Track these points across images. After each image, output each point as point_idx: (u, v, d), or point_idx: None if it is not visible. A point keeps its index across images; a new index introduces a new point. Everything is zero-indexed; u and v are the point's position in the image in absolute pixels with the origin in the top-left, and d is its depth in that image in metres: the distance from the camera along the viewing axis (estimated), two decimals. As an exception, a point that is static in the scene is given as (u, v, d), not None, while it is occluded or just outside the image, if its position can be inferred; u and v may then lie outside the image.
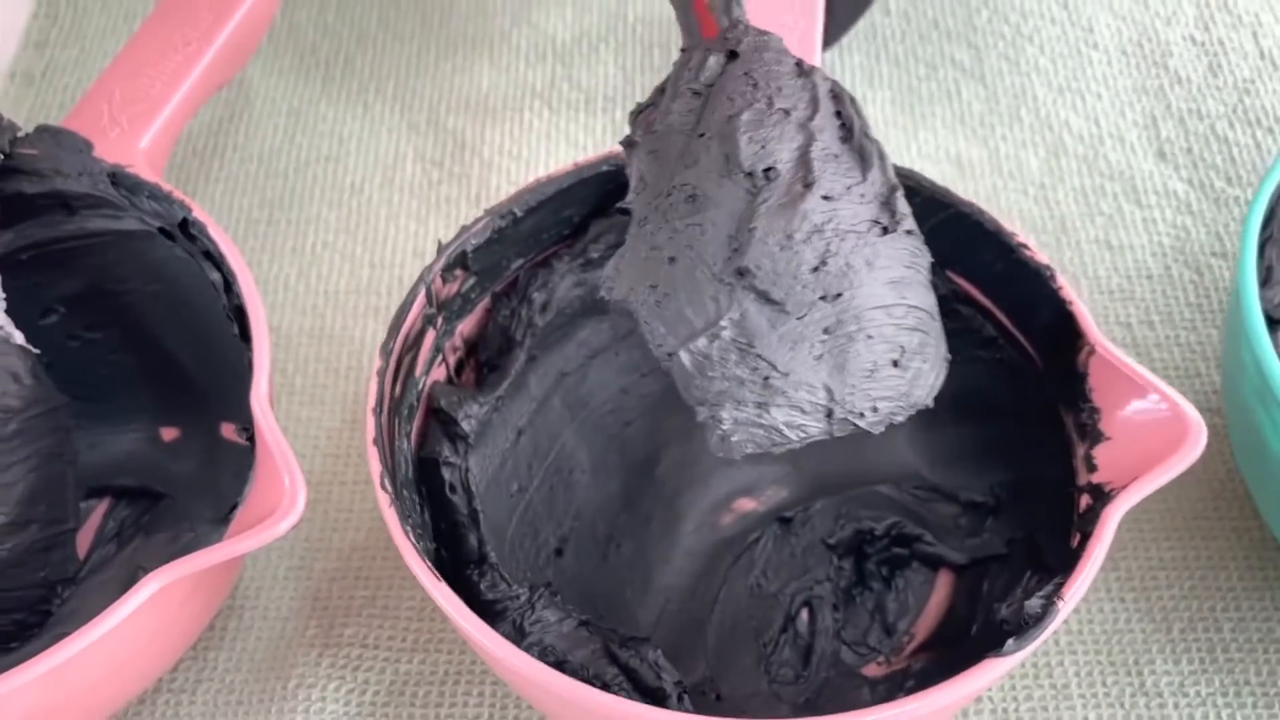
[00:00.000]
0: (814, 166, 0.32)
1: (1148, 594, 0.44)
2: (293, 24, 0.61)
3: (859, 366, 0.31)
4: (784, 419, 0.31)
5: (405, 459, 0.38)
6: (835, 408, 0.31)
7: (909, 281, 0.32)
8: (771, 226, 0.31)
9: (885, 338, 0.31)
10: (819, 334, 0.31)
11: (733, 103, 0.34)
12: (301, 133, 0.57)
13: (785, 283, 0.31)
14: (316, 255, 0.53)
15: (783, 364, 0.31)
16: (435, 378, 0.41)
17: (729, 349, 0.31)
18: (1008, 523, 0.43)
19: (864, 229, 0.32)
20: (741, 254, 0.31)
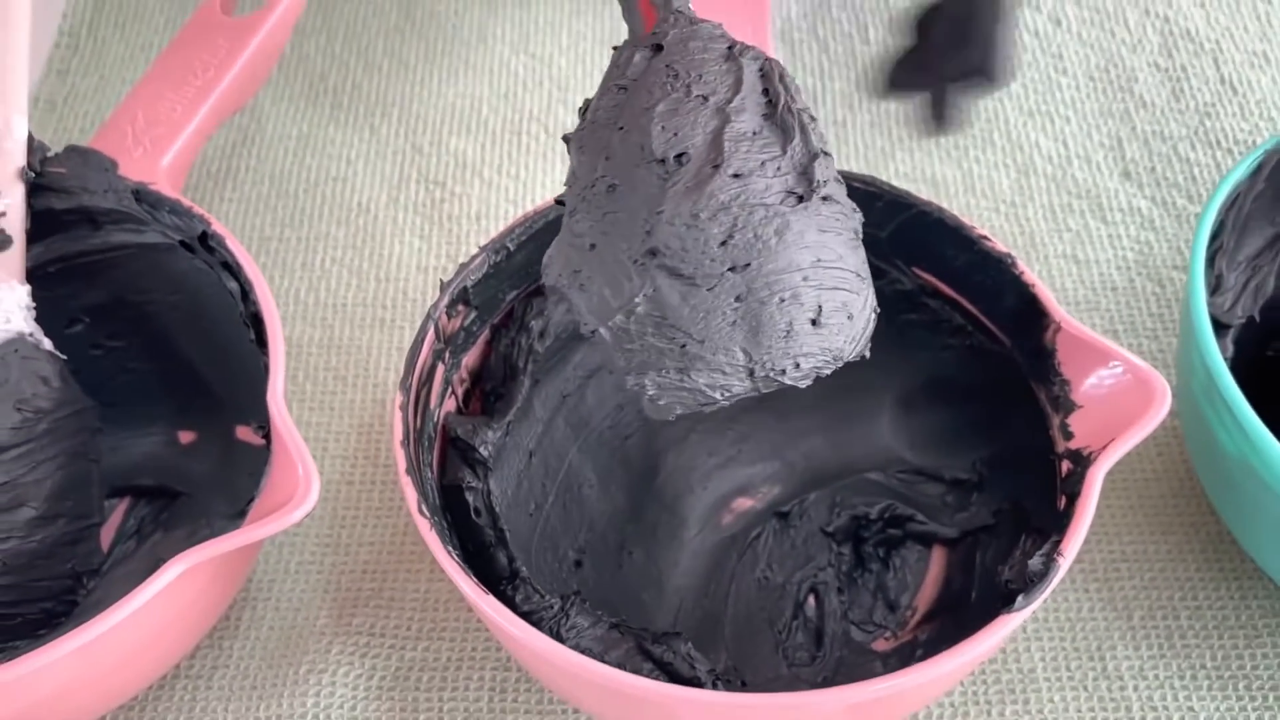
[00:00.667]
0: (725, 148, 0.34)
1: (1109, 584, 0.47)
2: (302, 54, 0.64)
3: (774, 328, 0.33)
4: (705, 381, 0.33)
5: (431, 488, 0.41)
6: (755, 367, 0.33)
7: (827, 244, 0.34)
8: (679, 208, 0.33)
9: (800, 299, 0.33)
10: (731, 302, 0.33)
11: (651, 95, 0.35)
12: (311, 155, 0.60)
13: (694, 258, 0.33)
14: (326, 270, 0.56)
15: (697, 332, 0.33)
16: (448, 409, 0.43)
17: (645, 322, 0.33)
18: (992, 495, 0.46)
19: (775, 200, 0.34)
20: (652, 235, 0.33)
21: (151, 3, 0.66)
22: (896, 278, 0.46)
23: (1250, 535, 0.44)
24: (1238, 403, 0.40)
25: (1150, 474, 0.49)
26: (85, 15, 0.65)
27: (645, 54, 0.37)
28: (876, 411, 0.49)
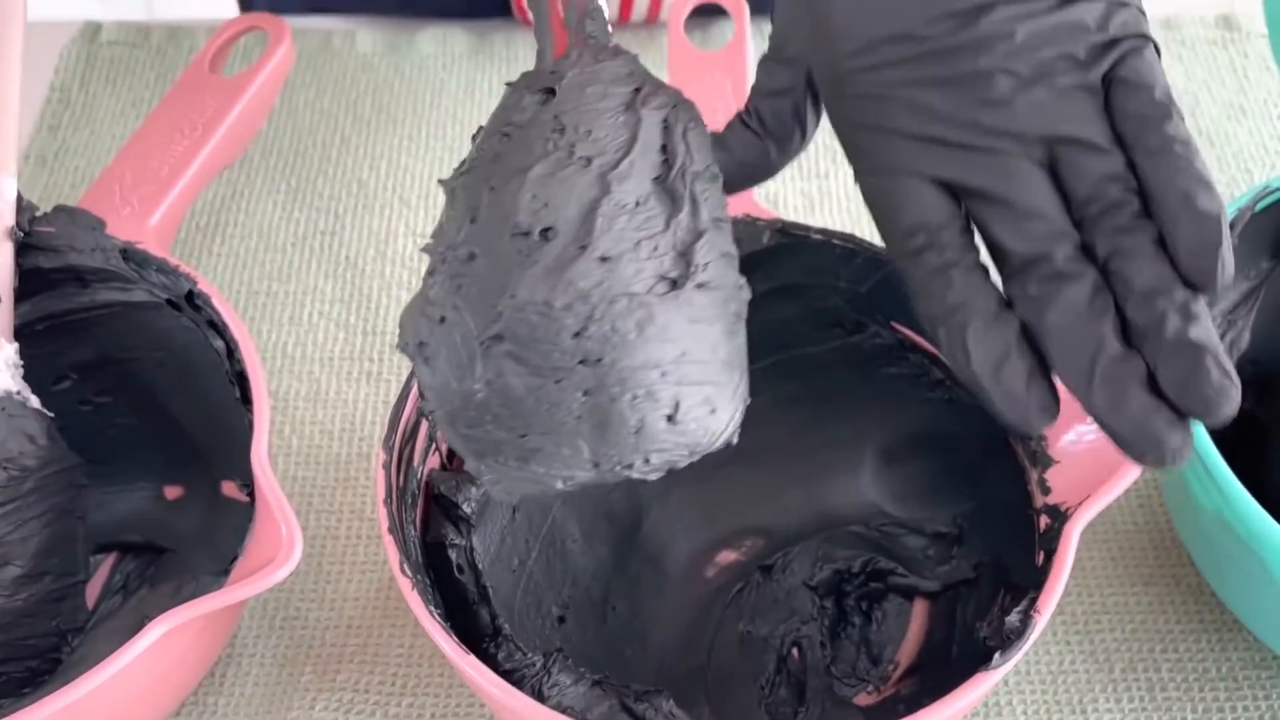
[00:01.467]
0: (597, 225, 0.31)
1: (1091, 637, 0.47)
2: (291, 108, 0.65)
3: (623, 425, 0.31)
4: (545, 470, 0.31)
5: (414, 545, 0.41)
6: (601, 460, 0.31)
7: (696, 335, 0.32)
8: (533, 294, 0.31)
9: (655, 396, 0.31)
10: (578, 396, 0.31)
11: (530, 151, 0.32)
12: (299, 209, 0.60)
13: (543, 349, 0.31)
14: (313, 324, 0.56)
15: (539, 425, 0.31)
16: (432, 465, 0.43)
17: (485, 410, 0.31)
18: (972, 549, 0.46)
19: (643, 289, 0.31)
20: (501, 319, 0.31)
21: (143, 58, 0.67)
22: (876, 331, 0.47)
23: (1228, 589, 0.44)
24: (1213, 460, 0.40)
25: (1131, 526, 0.49)
26: (77, 71, 0.66)
27: (536, 99, 0.34)
28: (858, 464, 0.49)
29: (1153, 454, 0.29)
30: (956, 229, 0.32)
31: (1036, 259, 0.31)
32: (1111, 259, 0.31)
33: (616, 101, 0.34)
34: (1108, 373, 0.30)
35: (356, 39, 0.67)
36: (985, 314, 0.31)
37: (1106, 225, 0.31)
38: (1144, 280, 0.30)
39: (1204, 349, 0.29)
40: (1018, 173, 0.32)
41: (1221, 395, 0.29)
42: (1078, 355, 0.30)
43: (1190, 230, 0.30)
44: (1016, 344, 0.31)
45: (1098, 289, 0.31)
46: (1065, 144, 0.32)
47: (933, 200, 0.33)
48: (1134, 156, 0.31)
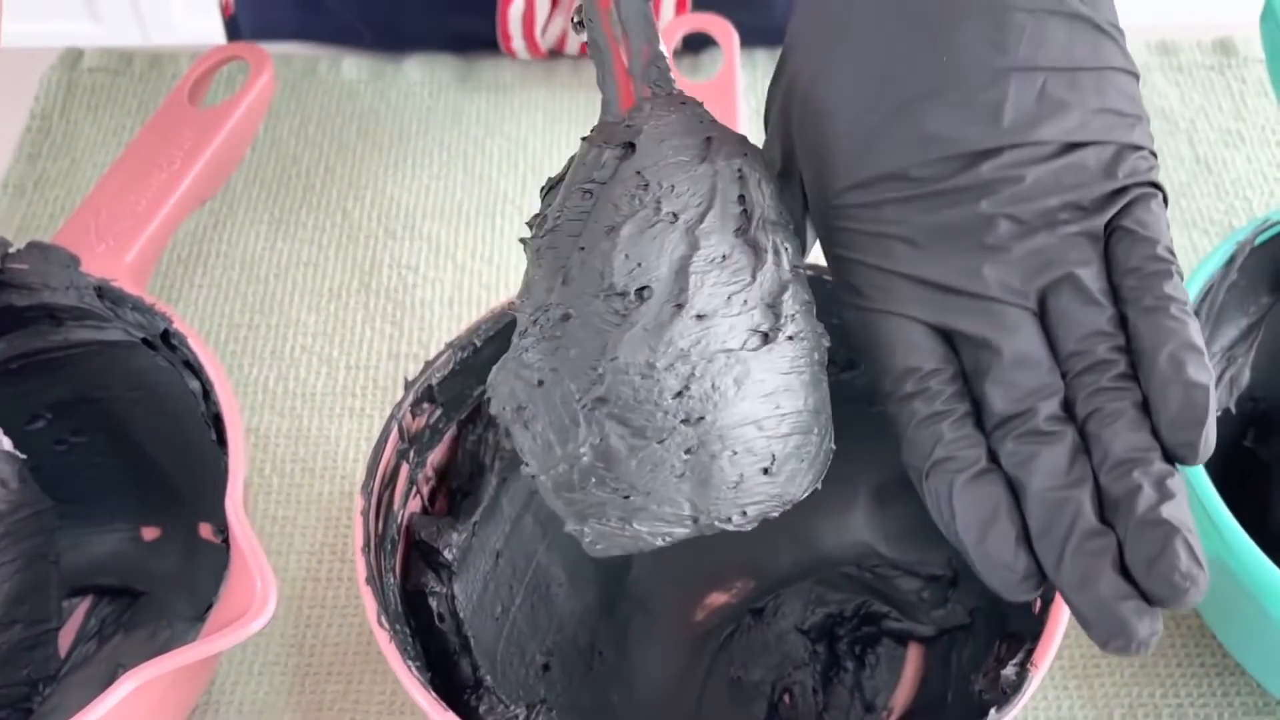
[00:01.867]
0: (690, 282, 0.32)
1: (1090, 681, 0.46)
2: (275, 136, 0.64)
3: (723, 481, 0.31)
4: (647, 529, 0.32)
5: (393, 593, 0.40)
6: (700, 516, 0.32)
7: (788, 387, 0.32)
8: (634, 355, 0.31)
9: (753, 450, 0.32)
10: (680, 455, 0.31)
11: (617, 209, 0.33)
12: (283, 239, 0.59)
13: (646, 410, 0.31)
14: (295, 358, 0.55)
15: (642, 485, 0.31)
16: (412, 509, 0.42)
17: (589, 473, 0.31)
18: (969, 593, 0.45)
19: (738, 344, 0.32)
20: (601, 382, 0.31)
21: (125, 85, 0.66)
22: (868, 369, 0.46)
23: (1229, 633, 0.43)
24: (1213, 503, 0.40)
25: (1129, 566, 0.48)
26: (57, 99, 0.65)
27: (615, 154, 0.34)
28: (850, 504, 0.48)
29: (1116, 642, 0.27)
30: (948, 375, 0.31)
31: (1020, 415, 0.30)
32: (1090, 420, 0.30)
33: (692, 153, 0.34)
34: (1080, 548, 0.28)
35: (342, 66, 0.66)
36: (973, 471, 0.30)
37: (1090, 384, 0.30)
38: (1121, 448, 0.29)
39: (1176, 530, 0.27)
40: (1010, 321, 0.31)
41: (1188, 581, 0.27)
42: (1052, 525, 0.29)
43: (1177, 400, 0.29)
44: (1005, 506, 0.29)
45: (1076, 452, 0.29)
46: (1059, 293, 0.31)
47: (926, 345, 0.32)
48: (1127, 311, 0.30)
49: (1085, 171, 0.31)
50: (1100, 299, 0.30)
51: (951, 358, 0.31)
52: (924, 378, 0.31)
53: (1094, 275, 0.31)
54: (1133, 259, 0.31)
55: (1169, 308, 0.30)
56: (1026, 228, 0.31)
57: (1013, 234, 0.31)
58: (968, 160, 0.31)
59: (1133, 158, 0.31)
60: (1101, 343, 0.30)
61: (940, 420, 0.31)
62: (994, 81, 0.31)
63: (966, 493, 0.30)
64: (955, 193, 0.31)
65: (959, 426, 0.31)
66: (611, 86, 0.36)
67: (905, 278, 0.32)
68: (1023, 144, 0.31)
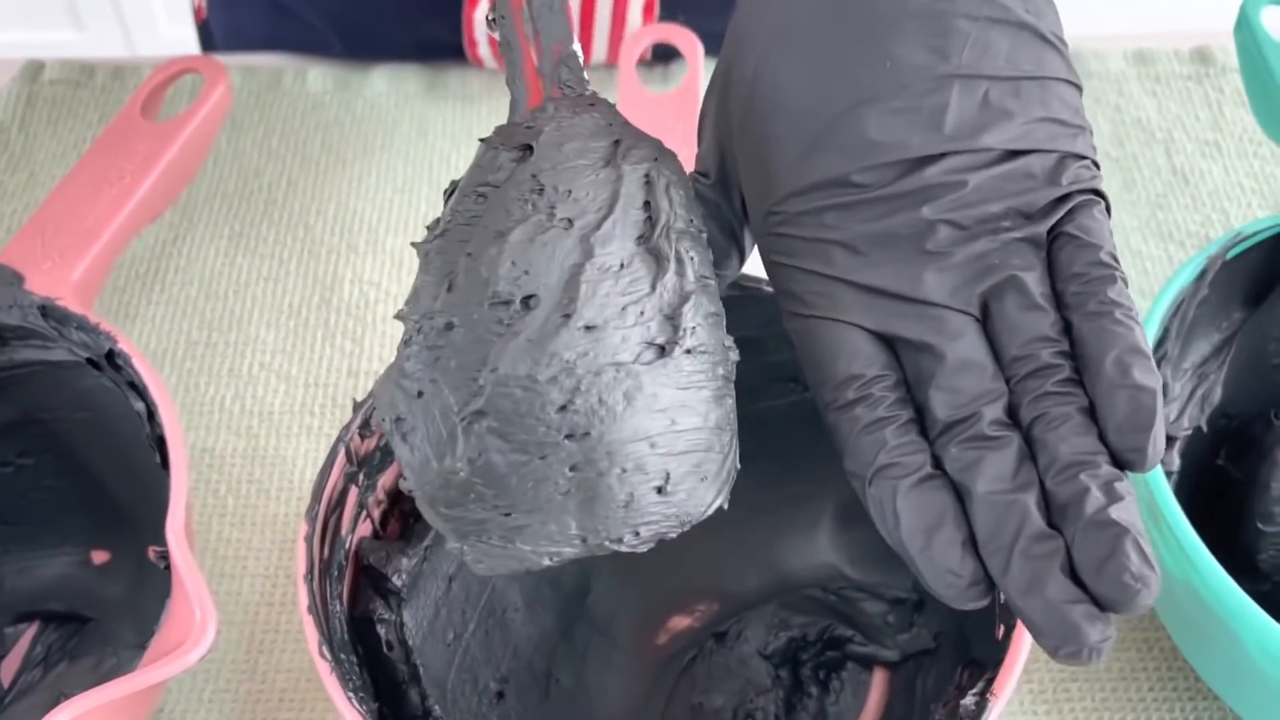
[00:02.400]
0: (580, 292, 0.30)
1: (1059, 706, 0.45)
2: (237, 149, 0.63)
3: (612, 500, 0.30)
4: (531, 548, 0.30)
5: (340, 621, 0.38)
6: (589, 536, 0.30)
7: (685, 403, 0.30)
8: (515, 367, 0.30)
9: (645, 468, 0.30)
10: (565, 472, 0.30)
11: (509, 214, 0.31)
12: (242, 255, 0.58)
13: (527, 424, 0.29)
14: (253, 376, 0.54)
15: (524, 503, 0.30)
16: (362, 534, 0.41)
17: (467, 489, 0.30)
18: (934, 617, 0.44)
19: (630, 358, 0.30)
20: (481, 394, 0.30)
21: (86, 97, 0.65)
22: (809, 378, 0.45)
23: (1197, 655, 0.42)
24: (1180, 526, 0.39)
25: (1101, 587, 0.47)
26: (16, 111, 0.64)
27: (512, 156, 0.33)
28: (815, 524, 0.47)
29: (1068, 647, 0.26)
30: (891, 382, 0.30)
31: (963, 420, 0.29)
32: (1035, 425, 0.29)
33: (596, 157, 0.33)
34: (1027, 551, 0.27)
35: (308, 77, 0.66)
36: (917, 477, 0.29)
37: (1034, 389, 0.29)
38: (1068, 451, 0.28)
39: (1126, 531, 0.26)
40: (953, 328, 0.30)
41: (1140, 582, 0.26)
42: (998, 529, 0.28)
43: (1124, 404, 0.28)
44: (951, 512, 0.29)
45: (1021, 457, 0.28)
46: (1001, 298, 0.30)
47: (868, 351, 0.31)
48: (1071, 317, 0.29)
49: (1028, 179, 0.30)
50: (1043, 304, 0.30)
51: (894, 365, 0.31)
52: (866, 384, 0.30)
53: (1037, 280, 0.30)
54: (1076, 264, 0.30)
55: (1114, 313, 0.29)
56: (968, 233, 0.30)
57: (954, 239, 0.30)
58: (909, 166, 0.30)
59: (1075, 166, 0.31)
60: (1045, 348, 0.29)
61: (883, 427, 0.30)
62: (937, 88, 0.30)
63: (911, 499, 0.29)
64: (896, 198, 0.30)
65: (902, 433, 0.30)
66: (520, 86, 0.35)
67: (846, 284, 0.31)
68: (965, 150, 0.30)
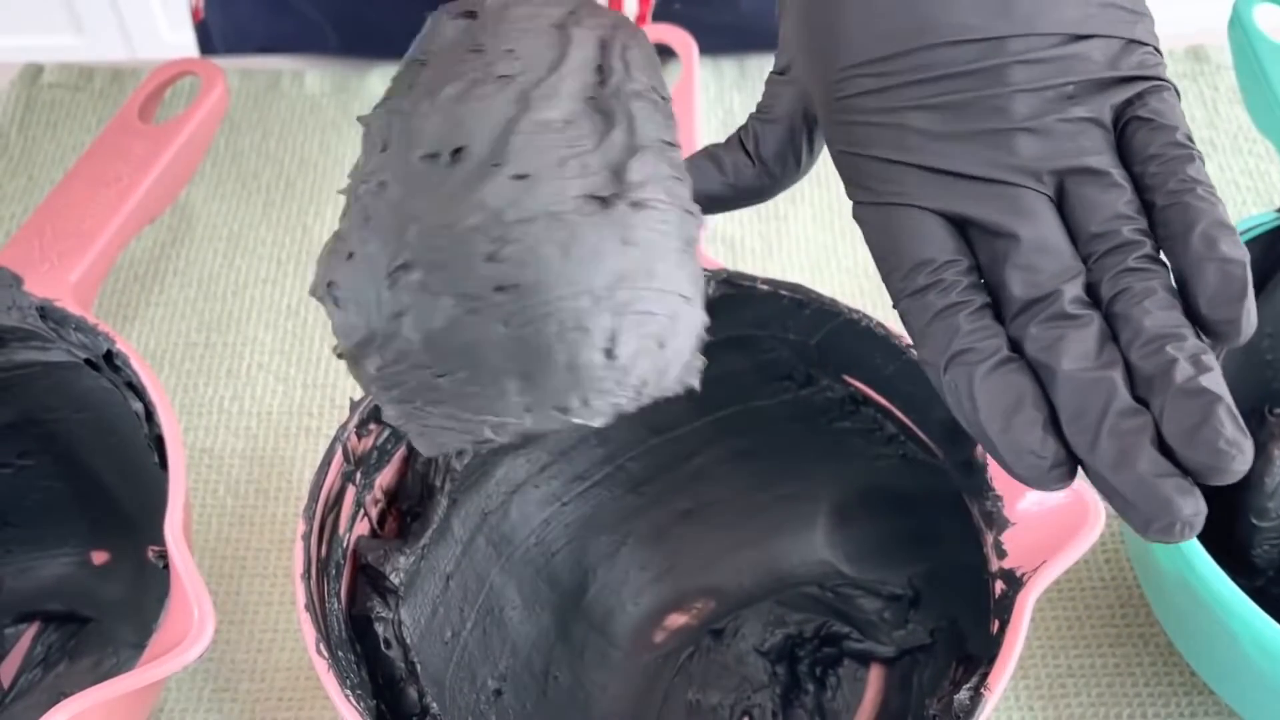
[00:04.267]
0: (512, 143, 0.29)
1: (1055, 701, 0.45)
2: (235, 150, 0.63)
3: (552, 361, 0.28)
4: (473, 415, 0.28)
5: (338, 619, 0.39)
6: (532, 403, 0.28)
7: (634, 259, 0.28)
8: (441, 217, 0.28)
9: (586, 327, 0.27)
10: (499, 328, 0.27)
11: (444, 74, 0.30)
12: (241, 256, 0.59)
13: (454, 276, 0.28)
14: (251, 377, 0.54)
15: (459, 363, 0.28)
16: (360, 532, 0.41)
17: (400, 352, 0.28)
18: (929, 612, 0.44)
19: (568, 208, 0.28)
20: (407, 248, 0.28)
21: (85, 101, 0.65)
22: (828, 385, 0.45)
23: (1193, 651, 0.42)
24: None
25: (1098, 583, 0.47)
26: (16, 114, 0.64)
27: (456, 23, 0.32)
28: (811, 522, 0.47)
29: (1160, 521, 0.26)
30: (964, 267, 0.30)
31: (1042, 299, 0.29)
32: (1118, 300, 0.29)
33: (545, 22, 0.32)
34: (1116, 427, 0.27)
35: (305, 79, 0.66)
36: (994, 360, 0.29)
37: (1115, 265, 0.29)
38: (1153, 325, 0.28)
39: (1218, 398, 0.26)
40: (1028, 206, 0.30)
41: (1235, 448, 0.26)
42: (1085, 407, 0.27)
43: (1214, 276, 0.28)
44: (1030, 393, 0.28)
45: (1104, 336, 0.28)
46: (1077, 177, 0.30)
47: (939, 235, 0.30)
48: (1152, 198, 0.29)
49: (1092, 62, 0.30)
50: (1121, 182, 0.29)
51: (966, 250, 0.30)
52: (938, 269, 0.30)
53: (1111, 161, 0.30)
54: (1152, 146, 0.30)
55: (1196, 189, 0.29)
56: (1040, 113, 0.30)
57: (1026, 118, 0.30)
58: (980, 48, 0.30)
59: (1139, 52, 0.31)
60: (1125, 224, 0.29)
61: (956, 312, 0.30)
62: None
63: (988, 383, 0.29)
64: (966, 78, 0.30)
65: (977, 318, 0.30)
66: None
67: (917, 168, 0.31)
68: (1031, 34, 0.30)
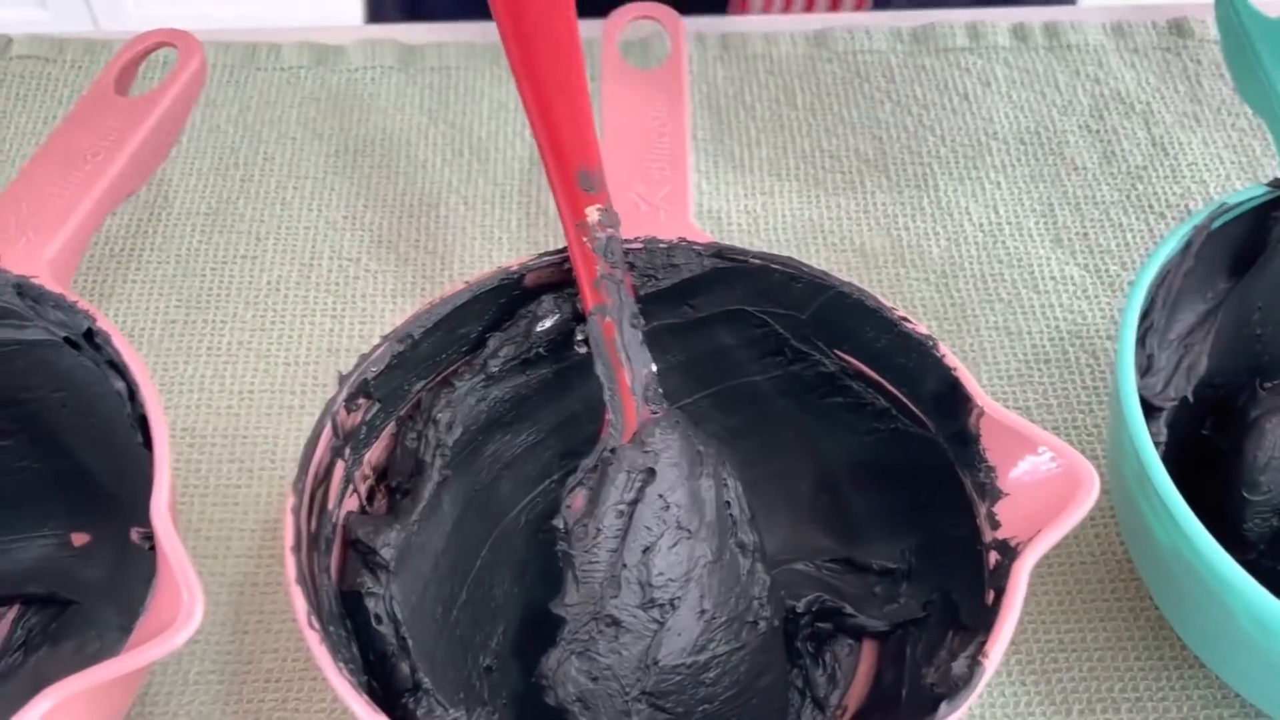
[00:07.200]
0: (704, 583, 0.40)
1: (1048, 676, 0.45)
2: (213, 124, 0.62)
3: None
4: None
5: (328, 594, 0.38)
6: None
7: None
8: (672, 655, 0.39)
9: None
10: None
11: (650, 532, 0.40)
12: (219, 232, 0.58)
13: (684, 700, 0.39)
14: (232, 355, 0.53)
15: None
16: (349, 508, 0.41)
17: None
18: (922, 586, 0.44)
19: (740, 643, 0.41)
20: (649, 677, 0.39)
21: (56, 74, 0.64)
22: (819, 360, 0.45)
23: (1185, 625, 0.43)
24: (1170, 495, 0.39)
25: (1088, 557, 0.48)
26: (-15, 88, 0.63)
27: (639, 478, 0.41)
28: (802, 498, 0.47)
29: None
30: None
31: None
32: None
33: (686, 468, 0.42)
34: None
35: (282, 52, 0.65)
36: None
37: None
38: None
39: None
40: None
41: None
42: None
43: None
44: None
45: None
46: None
47: None
48: None
49: None
50: None
51: None
52: None
53: None
54: None
55: None
56: None
57: None
58: None
59: None
60: None
61: None
62: None
63: None
64: None
65: None
66: (617, 402, 0.42)
67: None
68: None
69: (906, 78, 0.64)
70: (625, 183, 0.47)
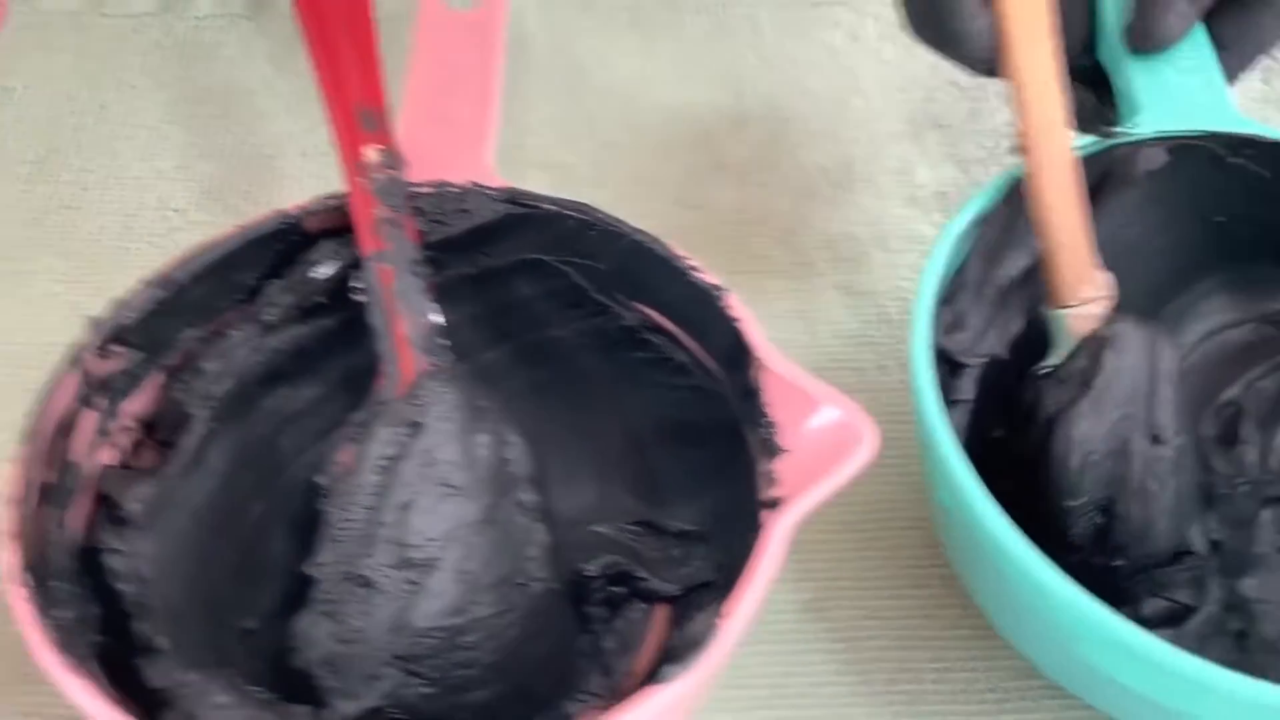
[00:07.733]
0: (469, 543, 0.38)
1: (855, 644, 0.43)
2: (50, 72, 0.60)
3: None
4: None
5: (60, 550, 0.36)
6: None
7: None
8: (428, 618, 0.37)
9: None
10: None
11: (410, 488, 0.38)
12: (43, 182, 0.56)
13: (440, 665, 0.37)
14: (41, 306, 0.51)
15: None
16: (103, 461, 0.39)
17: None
18: (717, 548, 0.42)
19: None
20: (401, 640, 0.37)
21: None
22: (619, 313, 0.43)
23: (977, 592, 0.41)
24: (950, 456, 0.37)
25: (904, 522, 0.46)
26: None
27: (403, 433, 0.39)
28: (610, 458, 0.45)
29: None
30: None
31: None
32: None
33: (460, 422, 0.40)
34: None
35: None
36: None
37: None
38: None
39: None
40: None
41: None
42: None
43: None
44: None
45: None
46: None
47: None
48: None
49: None
50: None
51: None
52: None
53: None
54: None
55: None
56: None
57: None
58: None
59: None
60: None
61: None
62: None
63: None
64: None
65: None
66: (392, 355, 0.40)
67: None
68: None
69: (776, 31, 0.62)
70: (428, 125, 0.45)
